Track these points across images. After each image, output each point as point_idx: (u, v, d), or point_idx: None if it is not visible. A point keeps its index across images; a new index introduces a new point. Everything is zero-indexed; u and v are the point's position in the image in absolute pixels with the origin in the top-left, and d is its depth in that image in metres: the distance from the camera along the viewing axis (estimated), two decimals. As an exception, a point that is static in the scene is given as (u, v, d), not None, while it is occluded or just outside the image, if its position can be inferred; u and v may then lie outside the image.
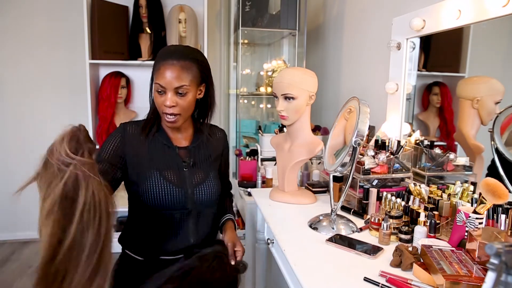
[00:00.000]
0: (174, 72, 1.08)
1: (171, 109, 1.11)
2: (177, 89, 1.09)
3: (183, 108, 1.12)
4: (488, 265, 0.51)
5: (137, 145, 1.18)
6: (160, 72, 1.09)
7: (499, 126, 1.14)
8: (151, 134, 1.20)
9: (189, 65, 1.11)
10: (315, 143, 1.43)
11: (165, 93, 1.10)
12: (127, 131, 1.19)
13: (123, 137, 1.18)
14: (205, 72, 1.17)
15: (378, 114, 1.72)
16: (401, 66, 1.52)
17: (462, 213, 0.96)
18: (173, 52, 1.12)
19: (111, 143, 1.16)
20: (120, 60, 2.67)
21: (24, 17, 2.82)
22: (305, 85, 1.36)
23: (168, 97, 1.09)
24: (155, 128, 1.21)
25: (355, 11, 2.15)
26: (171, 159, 1.19)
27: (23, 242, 2.97)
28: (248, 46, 3.05)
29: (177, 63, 1.09)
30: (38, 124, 2.97)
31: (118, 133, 1.19)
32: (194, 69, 1.12)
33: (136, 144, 1.18)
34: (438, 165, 1.32)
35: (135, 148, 1.18)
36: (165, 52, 1.14)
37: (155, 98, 1.13)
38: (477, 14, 1.13)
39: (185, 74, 1.10)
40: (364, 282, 0.88)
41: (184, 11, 2.64)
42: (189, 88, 1.11)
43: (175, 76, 1.08)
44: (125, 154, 1.16)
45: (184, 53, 1.13)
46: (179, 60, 1.10)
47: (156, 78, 1.11)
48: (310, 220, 1.26)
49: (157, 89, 1.11)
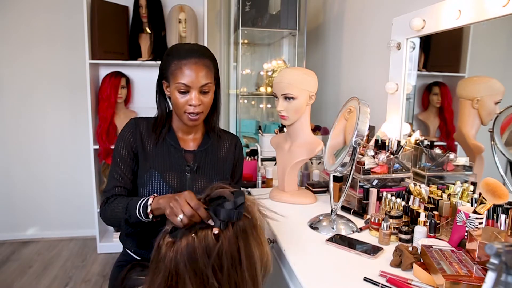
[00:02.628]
0: (199, 70, 1.08)
1: (197, 108, 1.10)
2: (203, 87, 1.09)
3: (206, 106, 1.13)
4: (488, 265, 0.51)
5: (145, 142, 1.18)
6: (183, 71, 1.07)
7: (499, 126, 1.14)
8: (162, 135, 1.20)
9: (209, 63, 1.11)
10: (315, 143, 1.43)
11: (189, 92, 1.09)
12: (138, 127, 1.19)
13: (135, 132, 1.18)
14: (217, 69, 1.18)
15: (378, 114, 1.72)
16: (401, 66, 1.52)
17: (462, 213, 0.96)
18: (192, 51, 1.10)
19: (124, 139, 1.18)
20: (120, 60, 2.67)
21: (24, 17, 2.82)
22: (305, 85, 1.36)
23: (194, 96, 1.08)
24: (166, 129, 1.21)
25: (355, 11, 2.15)
26: (176, 161, 1.18)
27: (23, 242, 2.97)
28: (248, 46, 3.05)
29: (199, 61, 1.08)
30: (38, 124, 2.97)
31: (129, 128, 1.19)
32: (212, 67, 1.12)
33: (145, 141, 1.18)
34: (438, 165, 1.32)
35: (144, 145, 1.18)
36: (182, 51, 1.11)
37: (175, 99, 1.11)
38: (477, 14, 1.13)
39: (208, 72, 1.10)
40: (364, 282, 0.88)
41: (184, 11, 2.64)
42: (211, 85, 1.12)
43: (202, 75, 1.08)
44: (136, 151, 1.17)
45: (203, 52, 1.12)
46: (200, 59, 1.09)
47: (177, 78, 1.08)
48: (310, 220, 1.26)
49: (179, 89, 1.09)
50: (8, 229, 3.00)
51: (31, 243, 2.97)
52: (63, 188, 3.05)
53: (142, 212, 1.00)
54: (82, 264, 2.65)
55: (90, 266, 2.61)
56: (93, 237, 2.94)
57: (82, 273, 2.52)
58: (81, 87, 2.79)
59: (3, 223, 2.99)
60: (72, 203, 3.03)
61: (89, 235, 3.01)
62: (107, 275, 2.40)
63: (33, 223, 3.06)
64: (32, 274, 2.49)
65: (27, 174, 3.00)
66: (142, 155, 1.17)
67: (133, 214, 1.02)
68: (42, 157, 3.00)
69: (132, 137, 1.18)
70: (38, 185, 3.02)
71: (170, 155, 1.18)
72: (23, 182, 3.00)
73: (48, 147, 3.00)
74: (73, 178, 3.05)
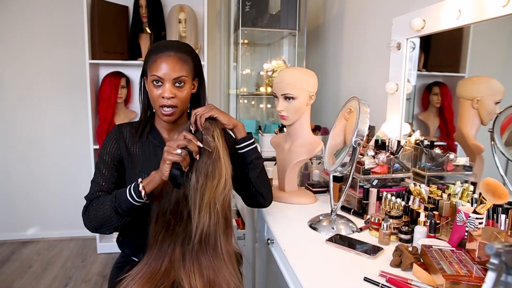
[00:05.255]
0: (173, 63, 1.08)
1: (169, 100, 1.09)
2: (176, 80, 1.09)
3: (181, 100, 1.12)
4: (488, 265, 0.51)
5: (131, 147, 1.18)
6: (157, 64, 1.08)
7: (499, 126, 1.14)
8: (145, 134, 1.20)
9: (185, 57, 1.11)
10: (315, 143, 1.43)
11: (163, 84, 1.09)
12: (121, 133, 1.19)
13: (118, 139, 1.18)
14: (198, 66, 1.18)
15: (378, 114, 1.72)
16: (401, 66, 1.52)
17: (462, 213, 0.96)
18: (169, 45, 1.12)
19: (108, 147, 1.17)
20: (120, 60, 2.67)
21: (24, 17, 2.82)
22: (305, 85, 1.36)
23: (166, 88, 1.08)
24: (149, 127, 1.21)
25: (355, 11, 2.15)
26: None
27: (23, 242, 2.97)
28: (248, 46, 3.05)
29: (174, 54, 1.09)
30: (38, 124, 2.97)
31: (113, 135, 1.19)
32: (189, 61, 1.13)
33: (130, 146, 1.18)
34: (438, 165, 1.32)
35: (129, 150, 1.18)
36: (159, 46, 1.13)
37: (150, 92, 1.12)
38: (477, 14, 1.13)
39: (183, 65, 1.10)
40: (364, 282, 0.88)
41: (184, 11, 2.64)
42: (186, 79, 1.11)
43: (174, 67, 1.08)
44: (121, 157, 1.17)
45: (180, 46, 1.13)
46: (176, 52, 1.10)
47: (152, 70, 1.09)
48: (310, 220, 1.26)
49: (153, 80, 1.09)
50: (8, 229, 3.00)
51: (31, 243, 2.97)
52: (63, 188, 3.05)
53: (134, 192, 1.00)
54: (82, 264, 2.65)
55: (90, 266, 2.61)
56: (93, 237, 2.94)
57: (82, 273, 2.52)
58: (81, 87, 2.80)
59: (3, 223, 3.00)
60: (72, 203, 3.03)
61: (89, 235, 3.01)
62: (107, 275, 2.40)
63: (33, 223, 3.06)
64: (32, 274, 2.49)
65: (27, 174, 3.00)
66: (129, 160, 1.17)
67: (123, 199, 1.02)
68: (42, 157, 3.00)
69: (116, 143, 1.18)
70: (38, 185, 3.02)
71: (157, 155, 1.17)
72: (23, 182, 3.00)
73: (48, 147, 3.00)
74: (73, 178, 3.05)
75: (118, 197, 1.03)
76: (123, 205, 1.02)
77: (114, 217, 1.04)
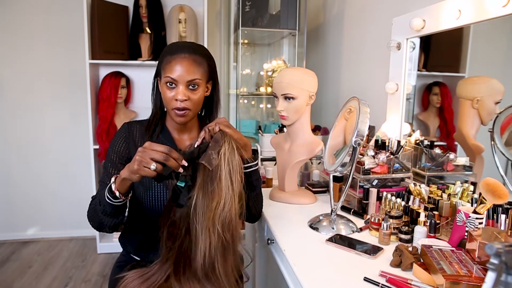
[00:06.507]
0: (187, 65, 1.07)
1: (183, 103, 1.08)
2: (189, 83, 1.08)
3: (194, 103, 1.11)
4: (488, 265, 0.51)
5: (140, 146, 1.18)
6: (172, 65, 1.07)
7: (499, 126, 1.14)
8: (155, 134, 1.19)
9: (200, 60, 1.10)
10: (315, 143, 1.43)
11: (176, 86, 1.08)
12: (131, 132, 1.18)
13: (127, 137, 1.17)
14: (213, 69, 1.16)
15: (378, 114, 1.72)
16: (401, 66, 1.52)
17: (462, 213, 0.96)
18: (184, 47, 1.11)
19: (116, 145, 1.16)
20: (120, 60, 2.67)
21: (24, 17, 2.82)
22: (305, 85, 1.36)
23: (180, 91, 1.07)
24: (159, 128, 1.20)
25: (355, 11, 2.15)
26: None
27: (23, 242, 2.97)
28: (248, 46, 3.05)
29: (189, 56, 1.08)
30: (38, 124, 2.97)
31: (122, 133, 1.18)
32: (204, 64, 1.11)
33: (140, 145, 1.18)
34: (438, 165, 1.32)
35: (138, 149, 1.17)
36: (174, 47, 1.12)
37: (164, 93, 1.11)
38: (477, 14, 1.13)
39: (197, 67, 1.09)
40: (364, 282, 0.88)
41: (184, 11, 2.64)
42: (200, 82, 1.10)
43: (188, 69, 1.07)
44: (130, 156, 1.16)
45: (195, 48, 1.12)
46: (191, 54, 1.09)
47: (166, 72, 1.08)
48: (310, 220, 1.26)
49: (167, 82, 1.08)
50: (8, 229, 3.00)
51: (31, 243, 2.97)
52: (63, 188, 3.05)
53: (108, 193, 0.99)
54: (82, 264, 2.65)
55: (90, 266, 2.61)
56: (93, 237, 2.94)
57: (82, 273, 2.52)
58: (81, 87, 2.79)
59: (3, 223, 2.99)
60: (72, 203, 3.03)
61: (89, 235, 3.02)
62: (107, 275, 2.40)
63: (33, 223, 3.06)
64: (32, 274, 2.49)
65: (27, 174, 3.00)
66: None
67: (103, 201, 1.01)
68: (42, 157, 3.00)
69: (124, 142, 1.17)
70: (38, 185, 3.02)
71: None
72: (23, 182, 3.00)
73: (48, 147, 3.00)
74: (73, 178, 3.05)
75: (101, 200, 1.02)
76: (107, 207, 1.01)
77: (105, 218, 1.04)
